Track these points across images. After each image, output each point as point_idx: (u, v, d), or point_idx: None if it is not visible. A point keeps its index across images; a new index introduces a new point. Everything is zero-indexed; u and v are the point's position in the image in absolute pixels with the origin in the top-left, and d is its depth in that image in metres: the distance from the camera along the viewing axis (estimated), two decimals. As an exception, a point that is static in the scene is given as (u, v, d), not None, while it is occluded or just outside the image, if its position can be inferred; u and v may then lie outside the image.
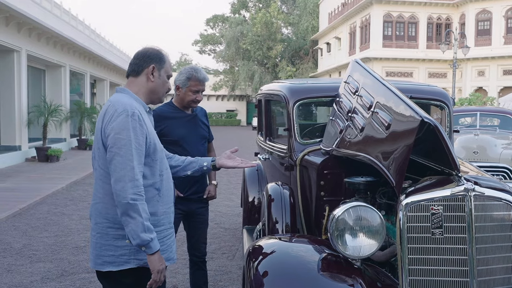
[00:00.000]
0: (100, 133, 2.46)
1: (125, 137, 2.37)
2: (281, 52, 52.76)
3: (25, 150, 16.07)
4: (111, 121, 2.40)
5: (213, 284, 4.97)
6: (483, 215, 2.37)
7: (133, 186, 2.34)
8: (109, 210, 2.47)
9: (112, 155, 2.37)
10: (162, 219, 2.58)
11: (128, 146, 2.36)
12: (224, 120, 58.45)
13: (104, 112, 2.48)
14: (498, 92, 34.41)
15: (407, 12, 37.77)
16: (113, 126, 2.39)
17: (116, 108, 2.43)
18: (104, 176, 2.47)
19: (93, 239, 2.55)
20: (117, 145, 2.37)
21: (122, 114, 2.39)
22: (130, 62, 2.64)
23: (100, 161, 2.49)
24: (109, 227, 2.48)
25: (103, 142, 2.45)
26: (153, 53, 2.61)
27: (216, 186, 4.05)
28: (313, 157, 3.76)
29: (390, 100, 2.88)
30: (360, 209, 2.52)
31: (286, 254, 2.66)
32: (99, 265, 2.52)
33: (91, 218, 2.58)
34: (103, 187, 2.49)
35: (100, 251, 2.50)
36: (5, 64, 15.52)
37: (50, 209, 8.91)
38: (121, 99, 2.49)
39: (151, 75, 2.58)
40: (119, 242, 2.47)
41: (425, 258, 2.37)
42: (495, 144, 7.38)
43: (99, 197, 2.52)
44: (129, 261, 2.48)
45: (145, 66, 2.58)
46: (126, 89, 2.59)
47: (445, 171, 2.60)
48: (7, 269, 5.47)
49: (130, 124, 2.38)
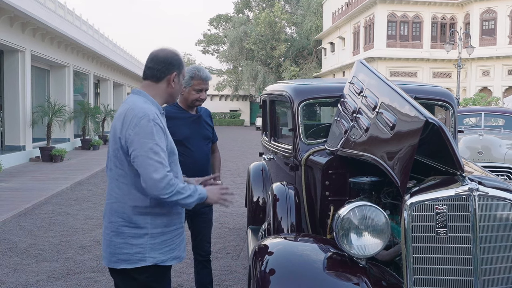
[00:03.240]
0: (118, 135, 2.49)
1: (150, 141, 2.41)
2: (284, 52, 52.72)
3: (29, 150, 16.11)
4: (133, 126, 2.43)
5: (218, 283, 4.99)
6: (487, 215, 2.39)
7: (166, 184, 2.39)
8: (125, 210, 2.52)
9: (141, 159, 2.40)
10: (174, 219, 2.63)
11: (155, 149, 2.41)
12: (227, 120, 58.46)
13: (123, 115, 2.50)
14: (503, 92, 34.31)
15: (411, 11, 37.69)
16: (137, 131, 2.42)
17: (135, 112, 2.45)
18: (122, 176, 2.51)
19: (106, 237, 2.59)
20: (144, 149, 2.40)
21: (143, 119, 2.43)
22: (148, 66, 2.63)
23: (117, 162, 2.52)
24: (124, 226, 2.52)
25: (121, 144, 2.48)
26: (174, 59, 2.62)
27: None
28: (318, 157, 3.78)
29: (394, 101, 2.90)
30: (365, 208, 2.54)
31: (292, 253, 2.68)
32: (113, 263, 2.56)
33: (105, 217, 2.61)
34: (120, 187, 2.53)
35: (114, 249, 2.54)
36: (10, 64, 15.57)
37: (54, 209, 8.95)
38: (138, 103, 2.51)
39: (173, 82, 2.62)
40: (134, 241, 2.51)
41: (429, 257, 2.39)
42: (500, 144, 7.36)
43: (114, 197, 2.55)
44: (144, 259, 2.52)
45: (168, 73, 2.60)
46: (143, 91, 2.60)
47: (449, 171, 2.62)
48: (14, 268, 5.51)
49: (153, 128, 2.43)
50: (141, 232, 2.51)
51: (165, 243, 2.58)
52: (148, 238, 2.52)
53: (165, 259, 2.58)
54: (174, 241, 2.63)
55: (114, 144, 2.52)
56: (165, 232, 2.58)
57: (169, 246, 2.59)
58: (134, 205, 2.51)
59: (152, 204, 2.51)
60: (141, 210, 2.51)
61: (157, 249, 2.54)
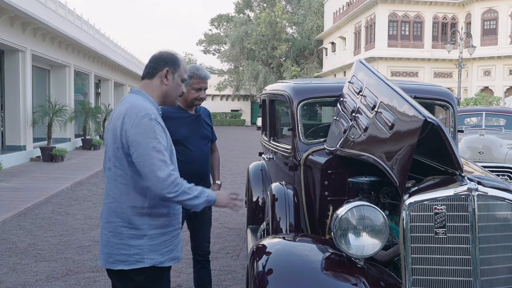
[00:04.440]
0: (118, 134, 2.46)
1: (153, 140, 2.40)
2: (285, 52, 52.68)
3: (30, 150, 16.11)
4: (135, 125, 2.41)
5: (217, 283, 4.98)
6: (486, 215, 2.37)
7: (171, 183, 2.38)
8: (124, 210, 2.49)
9: (145, 159, 2.39)
10: (172, 220, 2.62)
11: (158, 147, 2.40)
12: (228, 120, 58.45)
13: (123, 114, 2.47)
14: (504, 92, 34.28)
15: (413, 11, 37.67)
16: (139, 131, 2.40)
17: (137, 111, 2.44)
18: (121, 176, 2.49)
19: (104, 238, 2.56)
20: (147, 148, 2.39)
21: (145, 117, 2.42)
22: (145, 65, 2.68)
23: (116, 162, 2.49)
24: (122, 226, 2.50)
25: (122, 144, 2.45)
26: (167, 57, 2.64)
27: (220, 186, 4.05)
28: (317, 157, 3.76)
29: (393, 100, 2.88)
30: (364, 208, 2.53)
31: (290, 253, 2.67)
32: (111, 264, 2.54)
33: (102, 217, 2.59)
34: (118, 187, 2.50)
35: (111, 250, 2.52)
36: (10, 64, 15.58)
37: (54, 208, 8.94)
38: (138, 102, 2.51)
39: (165, 78, 2.61)
40: (132, 242, 2.49)
41: (428, 258, 2.37)
42: (501, 144, 7.34)
43: (112, 197, 2.53)
44: (142, 260, 2.50)
45: (159, 69, 2.61)
46: (142, 91, 2.60)
47: (448, 171, 2.60)
48: (13, 268, 5.50)
49: (155, 127, 2.43)
50: (140, 233, 2.49)
51: (164, 244, 2.56)
52: (147, 240, 2.50)
53: (163, 260, 2.56)
54: (172, 242, 2.61)
55: (113, 144, 2.49)
56: (164, 233, 2.56)
57: (167, 247, 2.58)
58: (133, 205, 2.48)
59: (151, 205, 2.49)
60: (140, 211, 2.49)
61: (156, 250, 2.53)
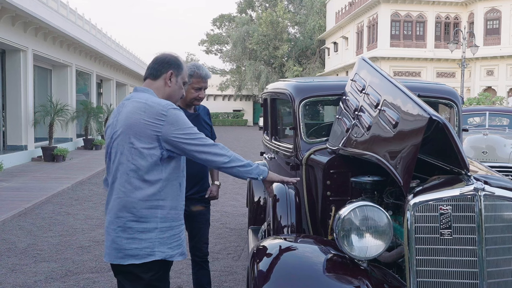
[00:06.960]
0: (139, 129, 2.47)
1: (187, 125, 2.52)
2: (287, 52, 52.72)
3: (31, 150, 16.10)
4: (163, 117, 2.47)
5: (218, 284, 4.93)
6: (493, 216, 2.31)
7: (222, 147, 2.57)
8: (135, 205, 2.49)
9: (190, 146, 2.50)
10: (180, 214, 2.65)
11: (193, 130, 2.53)
12: (230, 120, 58.48)
13: (142, 109, 2.49)
14: (507, 92, 34.21)
15: (415, 11, 37.60)
16: (170, 121, 2.47)
17: (158, 102, 2.51)
18: (133, 170, 2.49)
19: (111, 233, 2.53)
20: (187, 134, 2.50)
21: (170, 108, 2.50)
22: (148, 66, 2.72)
23: (130, 156, 2.48)
24: (133, 221, 2.49)
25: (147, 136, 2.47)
26: (172, 59, 2.70)
27: (219, 186, 4.00)
28: (319, 156, 3.71)
29: (397, 98, 2.83)
30: (367, 208, 2.46)
31: (291, 254, 2.61)
32: (120, 259, 2.51)
33: (110, 212, 2.56)
34: (130, 182, 2.49)
35: (121, 245, 2.50)
36: (12, 64, 15.57)
37: (55, 208, 8.90)
38: (152, 97, 2.57)
39: (169, 80, 2.67)
40: (143, 235, 2.49)
41: (433, 259, 2.31)
42: (505, 144, 7.29)
43: (123, 192, 2.51)
44: (153, 254, 2.51)
45: (164, 71, 2.67)
46: (149, 89, 2.65)
47: (454, 170, 2.54)
48: (11, 269, 5.45)
49: (181, 114, 2.53)
50: (150, 226, 2.50)
51: (173, 238, 2.58)
52: (157, 232, 2.52)
53: (173, 254, 2.58)
54: (180, 237, 2.64)
55: (128, 139, 2.48)
56: (173, 227, 2.58)
57: (176, 242, 2.60)
58: (145, 199, 2.48)
59: (162, 197, 2.51)
60: (151, 204, 2.49)
61: (166, 243, 2.54)
